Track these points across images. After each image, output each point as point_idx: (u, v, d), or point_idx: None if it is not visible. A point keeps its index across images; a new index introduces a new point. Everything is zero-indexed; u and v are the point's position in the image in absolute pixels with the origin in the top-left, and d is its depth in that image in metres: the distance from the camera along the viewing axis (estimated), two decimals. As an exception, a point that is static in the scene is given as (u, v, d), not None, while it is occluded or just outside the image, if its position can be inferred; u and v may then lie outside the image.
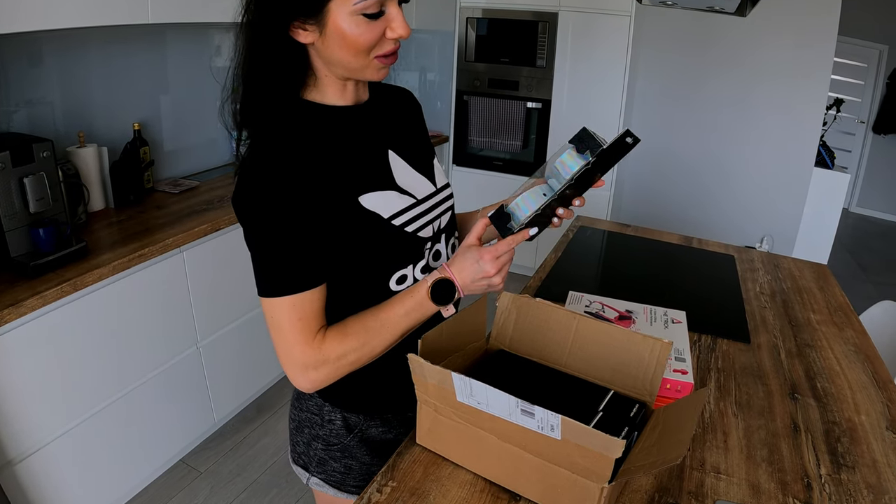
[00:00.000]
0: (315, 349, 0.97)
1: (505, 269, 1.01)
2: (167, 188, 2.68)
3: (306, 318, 0.96)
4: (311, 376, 0.98)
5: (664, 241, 2.31)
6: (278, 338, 0.97)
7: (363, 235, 1.00)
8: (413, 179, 1.10)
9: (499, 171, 4.22)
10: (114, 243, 2.09)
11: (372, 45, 0.93)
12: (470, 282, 1.00)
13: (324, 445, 1.20)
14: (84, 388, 1.98)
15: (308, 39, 0.93)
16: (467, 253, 1.01)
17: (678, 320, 1.41)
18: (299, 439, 1.24)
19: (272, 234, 0.93)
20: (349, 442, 1.18)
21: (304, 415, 1.21)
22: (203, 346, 2.42)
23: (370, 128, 1.07)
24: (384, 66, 0.98)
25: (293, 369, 0.98)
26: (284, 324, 0.96)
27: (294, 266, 0.94)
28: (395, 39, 0.95)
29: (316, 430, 1.20)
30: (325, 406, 1.17)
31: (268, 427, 2.73)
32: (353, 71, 0.97)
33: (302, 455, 1.24)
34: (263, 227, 0.93)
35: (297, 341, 0.96)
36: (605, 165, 1.00)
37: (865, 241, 6.11)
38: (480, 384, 0.84)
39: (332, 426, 1.18)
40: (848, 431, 1.29)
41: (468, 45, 4.01)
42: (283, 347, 0.97)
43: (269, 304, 0.96)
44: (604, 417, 0.98)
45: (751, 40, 3.83)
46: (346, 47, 0.92)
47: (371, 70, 0.97)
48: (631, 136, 0.97)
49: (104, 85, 2.47)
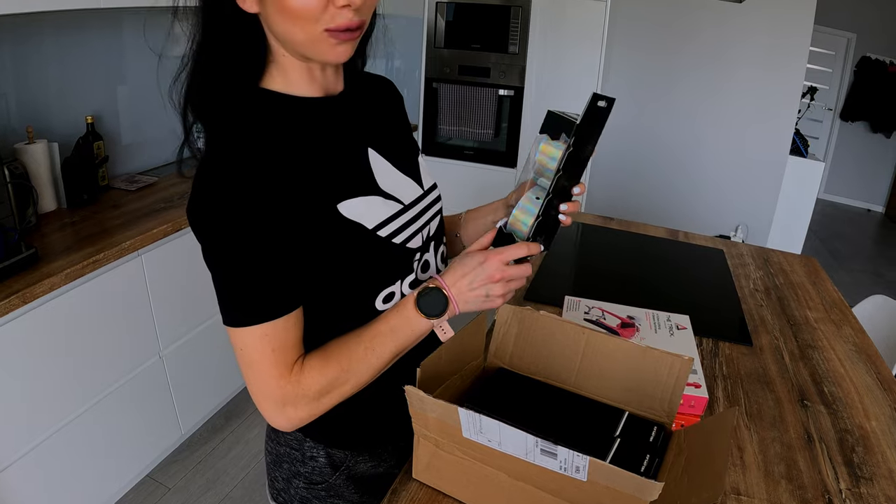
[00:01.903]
0: (293, 383, 0.83)
1: (513, 283, 0.89)
2: (123, 185, 2.52)
3: (281, 348, 0.82)
4: (290, 414, 0.85)
5: (650, 234, 2.23)
6: (249, 373, 0.83)
7: (344, 250, 0.86)
8: (397, 182, 0.96)
9: (470, 160, 4.09)
10: (66, 248, 1.94)
11: (315, 13, 0.76)
12: (467, 288, 0.87)
13: (306, 484, 1.05)
14: (42, 406, 1.84)
15: (252, 8, 0.79)
16: (466, 258, 0.89)
17: (683, 326, 1.32)
18: (278, 475, 1.09)
19: (237, 253, 0.78)
20: (335, 481, 1.05)
21: (283, 448, 1.06)
22: (166, 355, 2.27)
23: (346, 123, 0.93)
24: (340, 42, 0.80)
25: (268, 407, 0.85)
26: (256, 356, 0.82)
27: (264, 290, 0.80)
28: (347, 9, 0.77)
29: (297, 467, 1.05)
30: (307, 441, 1.03)
31: (238, 436, 2.60)
32: (302, 46, 0.81)
33: (282, 492, 1.09)
34: (226, 244, 0.78)
35: (271, 375, 0.82)
36: (588, 139, 0.89)
37: (835, 228, 6.17)
38: (491, 420, 0.73)
39: (315, 463, 1.04)
40: (861, 440, 1.24)
41: (437, 31, 3.87)
42: (256, 383, 0.83)
43: (237, 334, 0.82)
44: (622, 444, 0.88)
45: (726, 29, 3.78)
46: (286, 15, 0.76)
47: (325, 47, 0.80)
48: (603, 99, 0.86)
49: (55, 76, 2.30)
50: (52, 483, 1.92)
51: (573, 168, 0.90)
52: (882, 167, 6.73)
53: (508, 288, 0.88)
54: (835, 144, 6.83)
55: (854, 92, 6.49)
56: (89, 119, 2.37)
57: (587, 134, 0.88)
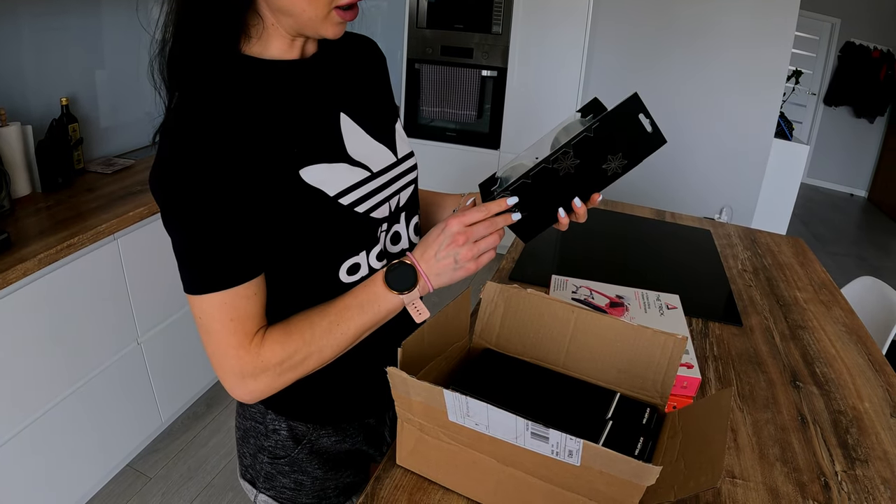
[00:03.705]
0: (253, 354, 0.80)
1: (480, 244, 0.83)
2: (99, 168, 2.45)
3: (240, 317, 0.79)
4: (250, 386, 0.82)
5: (636, 214, 2.20)
6: (209, 342, 0.81)
7: (304, 217, 0.82)
8: (369, 148, 0.92)
9: (452, 142, 4.04)
10: (41, 232, 1.87)
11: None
12: (434, 258, 0.83)
13: (270, 458, 1.04)
14: (17, 396, 1.77)
15: None
16: (433, 229, 0.85)
17: (673, 305, 1.29)
18: (245, 451, 1.08)
19: (195, 218, 0.75)
20: (297, 455, 1.03)
21: (248, 423, 1.05)
22: (144, 342, 2.22)
23: (318, 86, 0.89)
24: (342, 21, 0.80)
25: (228, 378, 0.82)
26: (215, 325, 0.79)
27: (223, 256, 0.77)
28: None
29: (261, 441, 1.03)
30: (269, 413, 1.01)
31: (219, 423, 2.55)
32: (306, 23, 0.79)
33: (249, 468, 1.08)
34: (184, 209, 0.75)
35: (230, 345, 0.80)
36: (612, 145, 0.82)
37: (818, 212, 6.19)
38: (479, 402, 0.69)
39: (278, 436, 1.02)
40: (855, 421, 1.22)
41: (419, 11, 3.81)
42: (216, 353, 0.81)
43: (196, 302, 0.79)
44: (614, 427, 0.85)
45: (712, 10, 3.76)
46: None
47: (328, 24, 0.80)
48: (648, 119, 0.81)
49: (29, 56, 2.21)
50: (29, 475, 1.86)
51: (588, 171, 0.84)
52: (865, 152, 6.75)
53: (477, 249, 0.83)
54: (818, 129, 6.84)
55: (838, 77, 6.49)
56: (64, 101, 2.29)
57: (612, 134, 0.82)
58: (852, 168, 6.87)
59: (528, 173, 0.83)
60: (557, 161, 0.82)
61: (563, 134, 0.86)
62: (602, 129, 0.81)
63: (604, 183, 0.86)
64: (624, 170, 0.85)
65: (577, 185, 0.85)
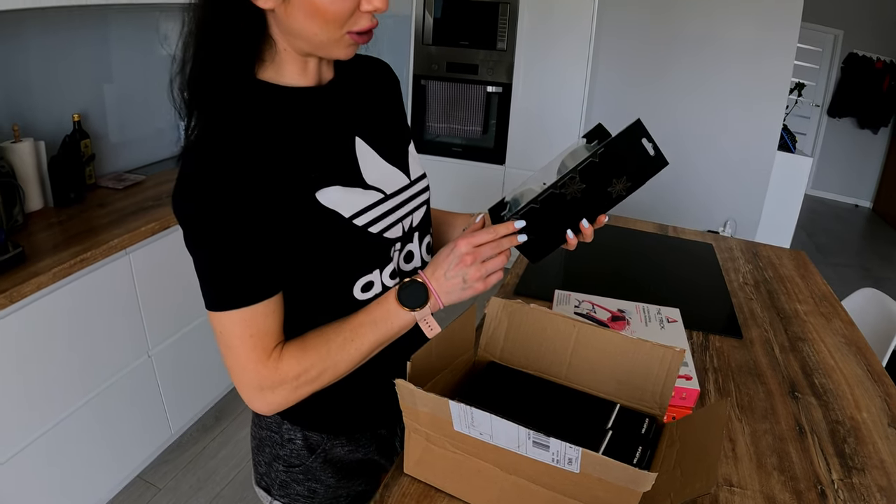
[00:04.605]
0: (271, 369, 0.84)
1: (489, 264, 0.86)
2: (111, 184, 2.50)
3: (260, 333, 0.83)
4: (268, 399, 0.86)
5: (639, 229, 2.23)
6: (229, 356, 0.85)
7: (321, 237, 0.86)
8: (383, 171, 0.96)
9: (458, 157, 4.09)
10: (54, 247, 1.92)
11: (344, 18, 0.78)
12: (443, 277, 0.87)
13: (285, 467, 1.07)
14: (30, 407, 1.81)
15: (269, 4, 0.78)
16: (443, 248, 0.89)
17: (673, 319, 1.32)
18: (260, 459, 1.11)
19: (218, 238, 0.79)
20: (311, 463, 1.06)
21: (264, 432, 1.08)
22: (155, 354, 2.25)
23: (334, 112, 0.92)
24: (355, 43, 0.84)
25: (247, 391, 0.86)
26: (235, 341, 0.83)
27: (244, 275, 0.81)
28: (371, 14, 0.81)
29: (276, 450, 1.07)
30: (285, 423, 1.05)
31: (228, 435, 2.58)
32: (318, 46, 0.82)
33: (264, 476, 1.11)
34: (207, 229, 0.79)
35: (249, 360, 0.83)
36: (617, 168, 0.86)
37: (821, 223, 6.20)
38: (483, 413, 0.72)
39: (293, 446, 1.06)
40: (852, 430, 1.24)
41: (425, 28, 3.87)
42: (236, 367, 0.85)
43: (217, 318, 0.83)
44: (614, 437, 0.88)
45: (715, 24, 3.79)
46: (314, 16, 0.78)
47: (340, 47, 0.83)
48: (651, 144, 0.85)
49: (41, 74, 2.27)
50: (41, 485, 1.90)
51: (594, 194, 0.88)
52: (869, 163, 6.77)
53: (485, 270, 0.86)
54: (822, 141, 6.86)
55: (841, 88, 6.52)
56: (76, 117, 2.34)
57: (617, 158, 0.86)
58: (857, 179, 6.88)
59: (536, 198, 0.87)
60: (565, 186, 0.86)
61: (570, 159, 0.90)
62: (607, 154, 0.85)
63: (609, 205, 0.89)
64: (628, 192, 0.89)
65: (584, 207, 0.89)
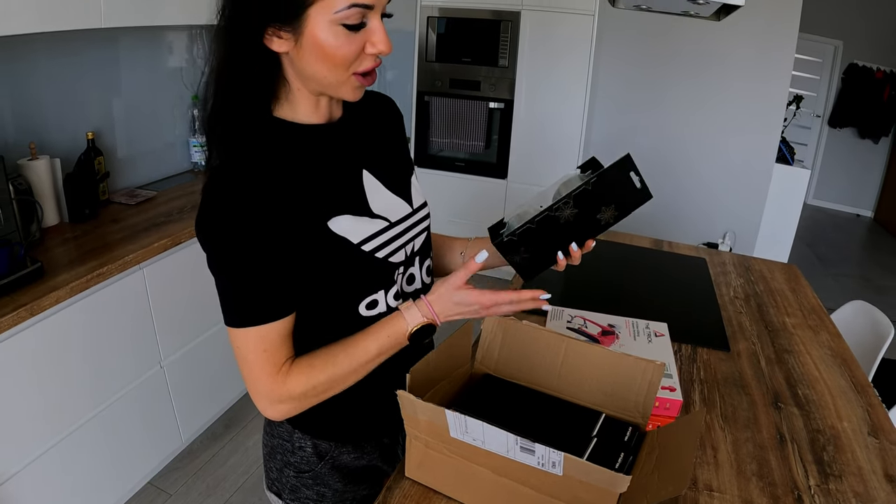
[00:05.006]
0: (279, 383, 0.93)
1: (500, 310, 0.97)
2: (123, 199, 2.58)
3: (272, 349, 0.92)
4: (278, 408, 0.96)
5: (635, 244, 2.30)
6: (244, 367, 0.94)
7: (331, 261, 0.95)
8: (387, 202, 1.05)
9: (461, 172, 4.17)
10: (70, 262, 2.00)
11: (350, 60, 0.87)
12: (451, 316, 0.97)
13: (295, 472, 1.15)
14: (47, 415, 1.89)
15: (283, 48, 0.87)
16: (455, 296, 0.96)
17: (660, 333, 1.39)
18: (272, 465, 1.19)
19: (237, 263, 0.88)
20: (320, 469, 1.14)
21: (276, 441, 1.16)
22: (167, 365, 2.33)
23: (344, 148, 1.01)
24: (361, 85, 0.93)
25: (259, 400, 0.96)
26: (250, 355, 0.92)
27: (261, 296, 0.90)
28: (375, 56, 0.90)
29: (287, 457, 1.15)
30: (296, 432, 1.13)
31: (237, 444, 2.66)
32: (327, 86, 0.92)
33: (275, 481, 1.19)
34: (228, 255, 0.88)
35: (262, 372, 0.93)
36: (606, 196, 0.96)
37: (822, 233, 6.24)
38: (476, 421, 0.80)
39: (303, 453, 1.14)
40: (832, 439, 1.30)
41: (429, 45, 3.96)
42: (250, 378, 0.94)
43: (234, 334, 0.92)
44: (598, 443, 0.95)
45: (712, 39, 3.86)
46: (323, 59, 0.86)
47: (347, 88, 0.92)
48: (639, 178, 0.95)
49: (55, 93, 2.35)
50: (56, 491, 1.97)
51: (585, 220, 0.96)
52: (870, 172, 6.81)
53: (493, 313, 0.97)
54: (823, 151, 6.91)
55: (842, 98, 6.57)
56: (90, 135, 2.42)
57: (611, 189, 0.95)
58: (858, 189, 6.92)
59: (532, 219, 0.95)
60: (559, 210, 0.95)
61: (564, 187, 0.99)
62: (599, 183, 0.94)
63: (597, 231, 0.98)
64: (615, 220, 0.98)
65: (575, 232, 0.97)
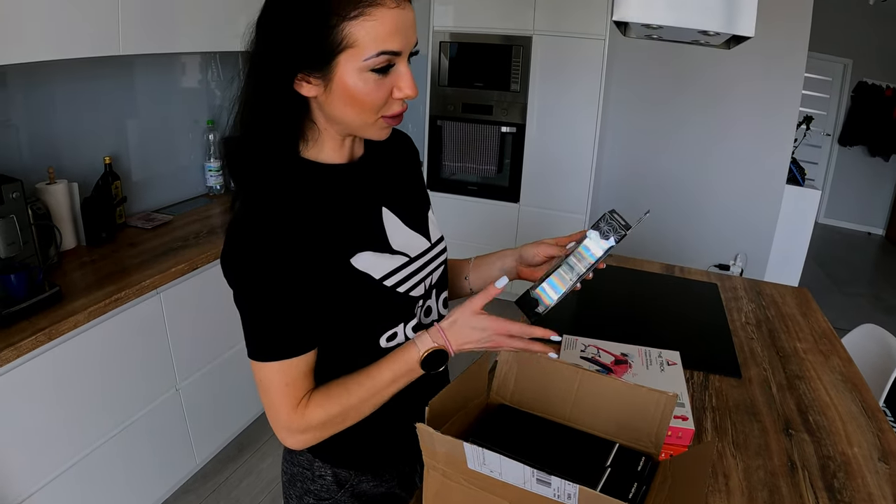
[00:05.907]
0: (299, 416, 0.96)
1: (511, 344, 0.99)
2: (140, 223, 2.62)
3: (293, 383, 0.95)
4: (298, 438, 0.98)
5: (646, 270, 2.32)
6: (266, 400, 0.97)
7: (354, 296, 0.98)
8: (407, 238, 1.08)
9: (473, 195, 4.21)
10: (88, 286, 2.03)
11: (379, 105, 0.91)
12: (464, 346, 0.99)
13: (315, 500, 1.17)
14: (62, 439, 1.92)
15: (312, 93, 0.90)
16: (471, 321, 0.97)
17: (673, 362, 1.41)
18: (292, 493, 1.21)
19: (263, 299, 0.91)
20: (340, 497, 1.16)
21: (296, 469, 1.19)
22: (182, 388, 2.36)
23: (364, 186, 1.05)
24: (388, 126, 0.96)
25: (279, 431, 0.98)
26: (272, 388, 0.95)
27: (284, 332, 0.93)
28: (402, 100, 0.93)
29: (307, 485, 1.17)
30: (316, 461, 1.15)
31: (250, 466, 2.67)
32: (355, 129, 0.95)
33: None
34: (254, 291, 0.91)
35: (283, 404, 0.95)
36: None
37: (834, 252, 6.22)
38: (493, 454, 0.82)
39: (323, 481, 1.16)
40: (843, 465, 1.31)
41: (441, 70, 4.00)
42: (271, 410, 0.97)
43: (257, 366, 0.95)
44: (612, 473, 0.96)
45: (723, 63, 3.87)
46: (352, 104, 0.90)
47: (375, 129, 0.96)
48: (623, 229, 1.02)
49: (73, 118, 2.40)
50: (74, 512, 2.00)
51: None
52: (881, 191, 6.80)
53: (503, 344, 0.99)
54: (834, 169, 6.91)
55: (852, 117, 6.58)
56: (107, 160, 2.46)
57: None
58: (869, 207, 6.91)
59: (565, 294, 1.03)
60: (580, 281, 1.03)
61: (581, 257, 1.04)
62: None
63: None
64: None
65: None
